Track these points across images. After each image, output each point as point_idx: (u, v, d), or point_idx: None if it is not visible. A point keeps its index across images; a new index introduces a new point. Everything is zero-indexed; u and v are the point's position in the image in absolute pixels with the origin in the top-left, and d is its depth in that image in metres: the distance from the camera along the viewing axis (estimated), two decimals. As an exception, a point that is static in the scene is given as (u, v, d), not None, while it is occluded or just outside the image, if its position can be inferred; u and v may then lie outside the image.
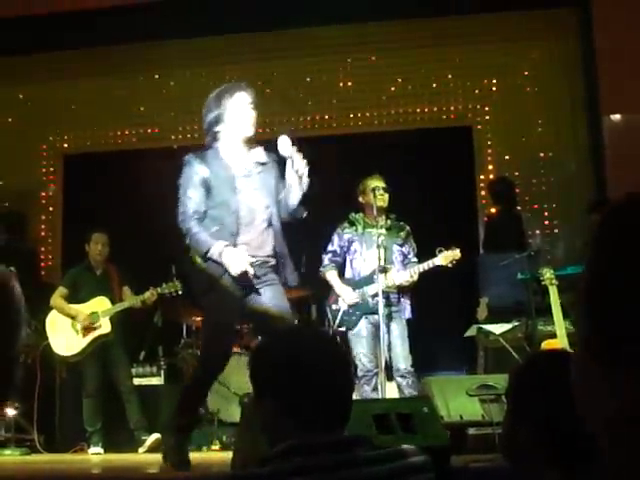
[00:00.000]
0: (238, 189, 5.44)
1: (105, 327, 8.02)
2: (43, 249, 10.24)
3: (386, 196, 7.33)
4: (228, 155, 5.52)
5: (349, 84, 10.32)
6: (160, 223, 6.38)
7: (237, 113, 5.54)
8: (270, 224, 5.54)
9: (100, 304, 8.10)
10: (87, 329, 7.97)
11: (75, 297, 8.16)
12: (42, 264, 10.13)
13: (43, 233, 10.38)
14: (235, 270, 5.21)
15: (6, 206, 10.12)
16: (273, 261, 5.55)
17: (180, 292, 7.93)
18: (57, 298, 8.10)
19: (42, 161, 10.60)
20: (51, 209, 10.54)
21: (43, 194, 10.56)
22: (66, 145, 10.71)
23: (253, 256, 5.35)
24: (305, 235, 8.59)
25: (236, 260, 5.22)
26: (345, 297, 7.32)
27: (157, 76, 10.59)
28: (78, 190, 10.32)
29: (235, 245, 5.31)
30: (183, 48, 10.15)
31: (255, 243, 5.44)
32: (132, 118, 10.56)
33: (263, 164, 5.58)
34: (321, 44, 10.20)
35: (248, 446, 4.28)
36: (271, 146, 5.43)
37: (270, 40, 10.17)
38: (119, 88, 10.51)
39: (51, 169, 10.66)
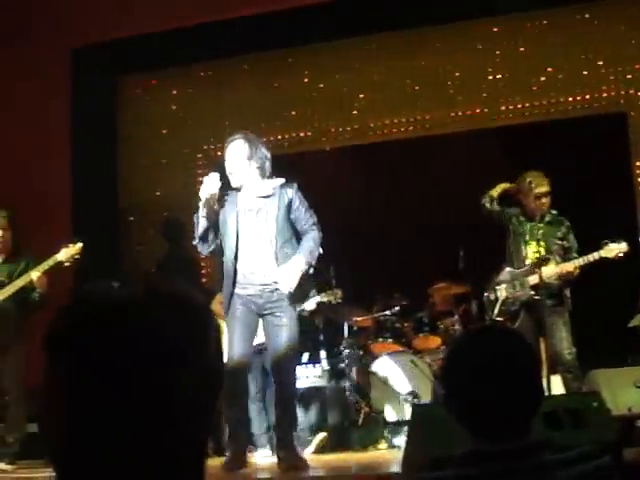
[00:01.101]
0: (240, 222, 6.07)
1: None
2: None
3: (549, 200, 7.29)
4: (240, 192, 6.18)
5: (498, 76, 10.23)
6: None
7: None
8: (275, 252, 6.04)
9: None
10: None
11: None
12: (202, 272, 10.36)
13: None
14: (202, 194, 5.97)
15: (165, 215, 10.38)
16: (276, 286, 6.04)
17: (340, 301, 8.02)
18: (217, 304, 8.25)
19: (198, 170, 10.84)
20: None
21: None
22: (219, 153, 10.94)
23: (254, 284, 6.07)
24: (463, 229, 8.67)
25: (204, 185, 5.99)
26: (504, 285, 7.33)
27: (306, 80, 10.73)
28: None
29: (236, 271, 6.05)
30: (331, 51, 10.30)
31: (255, 270, 6.07)
32: (283, 123, 10.73)
33: (267, 197, 6.12)
34: (468, 38, 10.16)
35: (418, 448, 4.32)
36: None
37: (416, 37, 10.19)
38: (269, 94, 10.70)
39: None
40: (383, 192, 10.30)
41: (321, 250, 6.27)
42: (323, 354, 8.58)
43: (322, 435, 7.82)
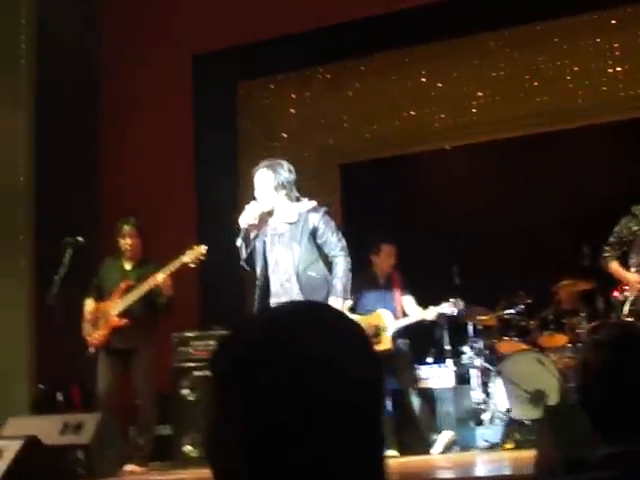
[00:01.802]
0: (267, 244, 6.39)
1: (385, 343, 7.96)
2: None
3: None
4: (272, 217, 6.45)
5: (618, 69, 10.01)
6: (442, 227, 6.51)
7: None
8: (297, 274, 6.23)
9: (381, 318, 8.08)
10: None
11: (357, 308, 8.14)
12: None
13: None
14: (241, 222, 6.37)
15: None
16: None
17: (462, 313, 8.02)
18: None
19: (318, 173, 10.88)
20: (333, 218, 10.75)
21: (324, 204, 10.80)
22: (339, 155, 10.98)
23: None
24: (588, 226, 8.52)
25: (244, 213, 6.38)
26: (633, 283, 7.16)
27: (424, 79, 10.68)
28: (356, 198, 10.57)
29: (267, 289, 6.35)
30: (448, 49, 10.26)
31: (280, 290, 6.30)
32: (402, 123, 10.70)
33: (292, 223, 6.36)
34: (583, 30, 9.99)
35: (550, 449, 4.27)
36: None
37: (533, 33, 10.07)
38: (387, 95, 10.70)
39: (328, 179, 10.94)
40: (504, 190, 10.19)
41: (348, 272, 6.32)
42: (448, 354, 8.55)
43: (449, 434, 7.80)
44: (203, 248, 7.54)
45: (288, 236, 6.35)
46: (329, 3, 10.06)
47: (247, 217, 6.35)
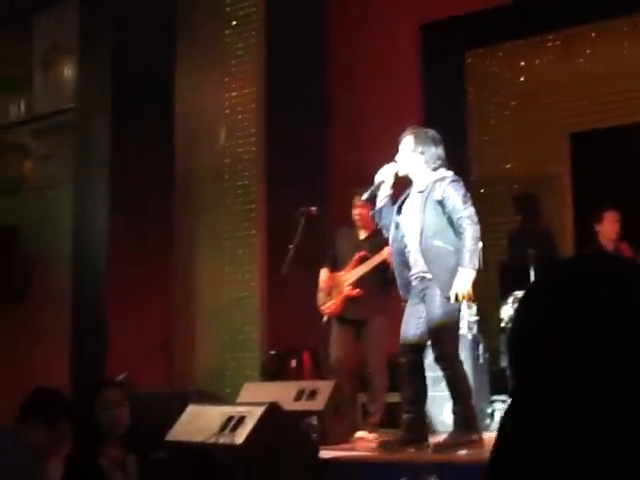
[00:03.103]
0: (401, 213, 6.52)
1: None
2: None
3: None
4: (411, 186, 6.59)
5: None
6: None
7: None
8: (420, 243, 6.26)
9: None
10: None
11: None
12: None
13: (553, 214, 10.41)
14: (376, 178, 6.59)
15: (516, 188, 10.32)
16: (428, 275, 6.28)
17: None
18: None
19: (547, 141, 10.63)
20: (561, 188, 10.53)
21: (552, 174, 10.60)
22: (570, 123, 10.67)
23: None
24: None
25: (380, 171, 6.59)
26: None
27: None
28: (587, 168, 10.26)
29: (407, 260, 6.46)
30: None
31: (411, 260, 6.40)
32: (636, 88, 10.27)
33: (422, 191, 6.37)
34: None
35: None
36: None
37: None
38: (620, 62, 10.30)
39: (557, 148, 10.67)
40: None
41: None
42: None
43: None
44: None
45: (417, 205, 6.39)
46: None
47: (381, 174, 6.55)
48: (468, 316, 8.09)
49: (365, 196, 6.70)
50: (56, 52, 11.32)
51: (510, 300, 8.06)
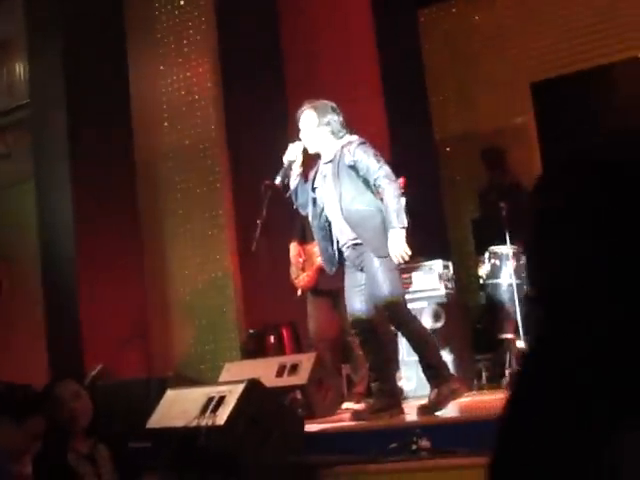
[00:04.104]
0: (316, 189, 6.46)
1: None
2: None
3: None
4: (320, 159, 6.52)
5: None
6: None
7: None
8: (341, 210, 6.19)
9: None
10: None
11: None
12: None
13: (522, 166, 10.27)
14: (284, 159, 6.50)
15: (482, 143, 10.20)
16: (358, 241, 6.20)
17: None
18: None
19: (509, 92, 10.50)
20: (527, 139, 10.39)
21: (517, 125, 10.48)
22: (536, 74, 10.50)
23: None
24: None
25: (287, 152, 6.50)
26: None
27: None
28: (551, 116, 10.14)
29: (329, 234, 6.41)
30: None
31: (337, 232, 6.34)
32: (594, 33, 10.14)
33: (331, 161, 6.31)
34: None
35: None
36: None
37: None
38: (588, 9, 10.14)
39: (519, 98, 10.53)
40: None
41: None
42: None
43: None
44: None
45: (329, 175, 6.33)
46: None
47: (289, 154, 6.46)
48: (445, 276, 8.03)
49: (278, 180, 6.53)
50: (6, 49, 11.16)
51: (486, 256, 7.97)
